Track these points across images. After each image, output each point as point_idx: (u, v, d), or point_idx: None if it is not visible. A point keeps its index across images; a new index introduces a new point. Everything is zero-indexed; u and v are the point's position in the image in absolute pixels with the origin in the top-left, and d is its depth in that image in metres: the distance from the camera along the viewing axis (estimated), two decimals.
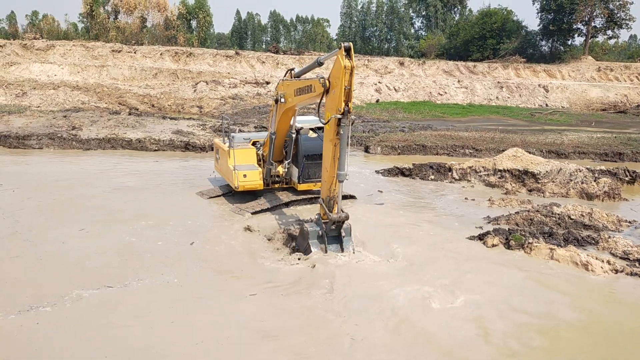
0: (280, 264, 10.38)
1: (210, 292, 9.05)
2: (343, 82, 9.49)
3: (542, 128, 34.24)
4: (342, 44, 9.57)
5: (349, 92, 9.62)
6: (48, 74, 44.66)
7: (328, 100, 10.11)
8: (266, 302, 8.69)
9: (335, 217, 10.31)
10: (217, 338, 7.52)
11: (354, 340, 7.48)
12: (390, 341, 7.53)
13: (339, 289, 9.07)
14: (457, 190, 17.42)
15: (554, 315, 8.40)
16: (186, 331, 7.65)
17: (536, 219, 13.54)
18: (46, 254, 10.40)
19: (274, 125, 13.48)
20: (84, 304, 8.36)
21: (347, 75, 9.46)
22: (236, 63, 52.95)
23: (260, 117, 34.07)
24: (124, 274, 9.56)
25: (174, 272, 9.74)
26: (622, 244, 11.49)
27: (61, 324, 7.77)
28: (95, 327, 7.69)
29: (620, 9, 62.40)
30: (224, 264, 10.35)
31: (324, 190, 10.65)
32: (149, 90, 42.82)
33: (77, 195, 14.77)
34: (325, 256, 10.35)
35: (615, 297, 9.21)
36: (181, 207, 14.10)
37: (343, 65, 9.39)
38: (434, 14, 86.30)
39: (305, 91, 11.36)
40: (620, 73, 58.06)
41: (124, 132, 24.59)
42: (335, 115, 9.69)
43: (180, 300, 8.67)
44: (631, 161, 23.27)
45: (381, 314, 8.26)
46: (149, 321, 7.93)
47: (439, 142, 25.45)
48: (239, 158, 13.91)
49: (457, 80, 52.80)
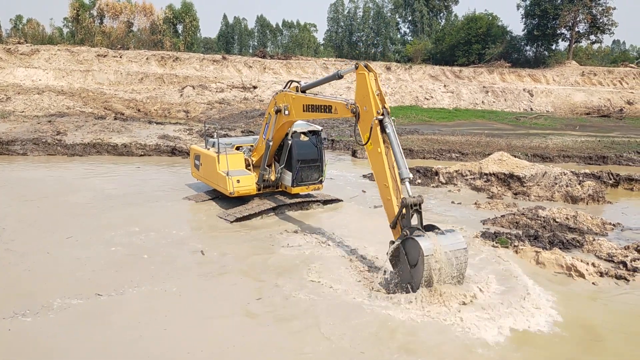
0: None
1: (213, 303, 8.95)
2: (372, 89, 9.65)
3: (527, 132, 34.57)
4: (358, 63, 9.95)
5: (381, 95, 9.72)
6: (32, 79, 44.29)
7: (362, 121, 10.00)
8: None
9: (411, 200, 8.90)
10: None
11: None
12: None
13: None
14: (444, 194, 17.50)
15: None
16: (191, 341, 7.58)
17: (522, 222, 13.65)
18: (33, 264, 10.12)
19: (270, 133, 13.47)
20: (70, 313, 8.23)
21: (373, 81, 9.70)
22: (223, 67, 52.88)
23: (247, 121, 34.05)
24: (114, 283, 9.31)
25: (174, 281, 9.51)
26: (606, 247, 11.61)
27: (42, 334, 7.64)
28: (82, 336, 7.58)
29: (603, 14, 63.32)
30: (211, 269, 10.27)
31: (391, 209, 9.30)
32: (135, 95, 42.62)
33: (62, 202, 14.60)
34: None
35: (600, 299, 9.29)
36: (170, 213, 14.00)
37: (367, 73, 9.68)
38: (420, 19, 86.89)
39: (320, 110, 11.38)
40: (604, 77, 58.84)
41: (110, 137, 24.42)
42: (377, 117, 9.54)
43: (180, 310, 8.45)
44: (615, 164, 23.54)
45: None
46: (148, 329, 7.83)
47: (425, 146, 25.59)
48: (229, 164, 13.88)
49: (443, 85, 53.16)
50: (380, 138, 9.48)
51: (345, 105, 10.41)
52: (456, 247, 8.65)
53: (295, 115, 12.49)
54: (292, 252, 11.17)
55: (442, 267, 8.42)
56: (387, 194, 9.39)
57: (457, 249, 8.63)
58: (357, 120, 10.10)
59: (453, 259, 8.55)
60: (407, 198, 8.93)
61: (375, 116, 9.54)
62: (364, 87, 9.76)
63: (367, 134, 9.78)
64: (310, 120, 14.49)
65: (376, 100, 9.64)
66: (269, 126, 13.45)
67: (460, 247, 8.69)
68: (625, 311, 8.82)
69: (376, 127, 9.52)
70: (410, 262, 8.61)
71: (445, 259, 8.45)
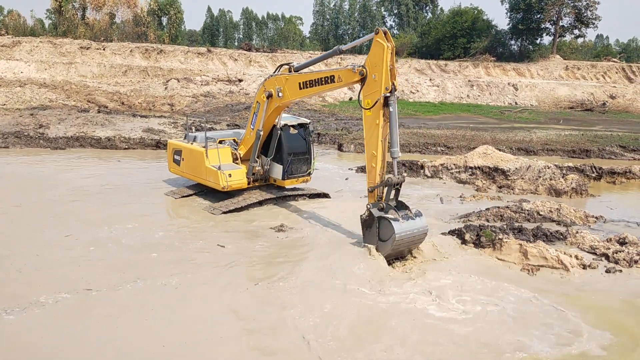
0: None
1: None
2: (386, 63, 9.75)
3: (511, 126, 34.81)
4: (378, 28, 9.87)
5: (393, 71, 9.82)
6: (14, 71, 43.63)
7: (367, 86, 10.13)
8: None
9: (396, 179, 9.85)
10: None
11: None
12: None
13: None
14: (429, 187, 17.57)
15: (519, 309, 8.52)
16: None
17: (506, 215, 13.75)
18: (23, 265, 9.70)
19: (261, 122, 13.28)
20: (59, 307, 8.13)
21: (389, 55, 9.76)
22: (208, 60, 52.52)
23: (232, 115, 33.83)
24: (102, 279, 9.15)
25: (174, 274, 9.41)
26: (589, 239, 11.73)
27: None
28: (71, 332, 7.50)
29: (587, 9, 63.87)
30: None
31: (373, 176, 10.16)
32: (118, 88, 42.17)
33: (46, 199, 14.27)
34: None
35: (583, 291, 9.39)
36: (155, 207, 13.85)
37: (386, 45, 9.69)
38: (405, 12, 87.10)
39: (320, 83, 11.32)
40: (587, 72, 59.42)
41: (93, 131, 24.13)
42: (384, 94, 9.81)
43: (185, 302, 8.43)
44: (597, 158, 23.81)
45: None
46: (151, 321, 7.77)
47: (411, 139, 25.64)
48: (219, 158, 13.73)
49: (429, 79, 53.32)
50: (381, 112, 9.93)
51: (352, 69, 10.39)
52: (420, 232, 10.09)
53: (290, 96, 12.30)
54: (283, 242, 11.21)
55: (403, 245, 9.98)
56: (373, 162, 10.17)
57: (420, 233, 10.10)
58: (363, 85, 10.21)
59: (413, 239, 10.06)
60: (392, 177, 9.82)
61: (382, 92, 9.83)
62: (379, 57, 9.85)
63: (368, 100, 10.11)
64: (300, 114, 14.41)
65: (387, 76, 9.81)
66: (258, 115, 13.26)
67: (423, 231, 10.13)
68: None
69: (381, 102, 9.91)
70: (381, 237, 9.96)
71: (408, 240, 9.90)
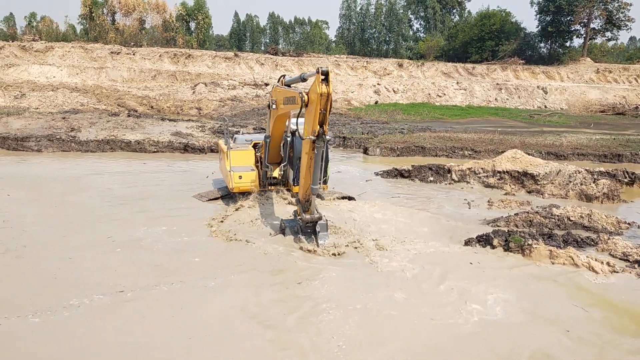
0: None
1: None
2: (318, 107, 9.52)
3: (541, 130, 34.31)
4: (319, 69, 9.34)
5: (324, 116, 9.63)
6: (47, 76, 44.71)
7: (306, 114, 10.14)
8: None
9: (308, 218, 10.76)
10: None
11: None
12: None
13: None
14: (456, 191, 17.41)
15: (545, 315, 8.37)
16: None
17: (535, 221, 13.53)
18: (59, 270, 9.59)
19: (268, 130, 13.53)
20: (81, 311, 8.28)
21: (322, 101, 9.45)
22: (235, 65, 53.05)
23: (259, 118, 34.10)
24: (135, 281, 9.33)
25: (207, 277, 9.36)
26: (621, 246, 11.47)
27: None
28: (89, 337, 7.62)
29: (619, 10, 62.63)
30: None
31: (301, 192, 11.05)
32: (147, 92, 42.87)
33: (79, 202, 14.47)
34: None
35: (614, 298, 9.19)
36: (186, 211, 13.91)
37: (319, 92, 9.33)
38: (432, 15, 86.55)
39: (291, 101, 11.30)
40: (619, 75, 58.22)
41: (123, 134, 24.58)
42: (310, 137, 9.90)
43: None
44: (630, 162, 23.29)
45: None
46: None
47: (438, 143, 25.46)
48: (235, 159, 13.97)
49: (455, 82, 52.91)
50: (310, 150, 10.20)
51: (299, 94, 10.17)
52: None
53: (280, 109, 12.30)
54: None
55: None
56: (301, 181, 10.89)
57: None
58: (305, 108, 10.11)
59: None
60: (305, 216, 10.68)
61: (308, 135, 9.98)
62: (314, 94, 9.53)
63: (307, 129, 10.21)
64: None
65: (316, 121, 9.68)
66: (268, 122, 13.53)
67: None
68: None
69: (307, 144, 10.21)
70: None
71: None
